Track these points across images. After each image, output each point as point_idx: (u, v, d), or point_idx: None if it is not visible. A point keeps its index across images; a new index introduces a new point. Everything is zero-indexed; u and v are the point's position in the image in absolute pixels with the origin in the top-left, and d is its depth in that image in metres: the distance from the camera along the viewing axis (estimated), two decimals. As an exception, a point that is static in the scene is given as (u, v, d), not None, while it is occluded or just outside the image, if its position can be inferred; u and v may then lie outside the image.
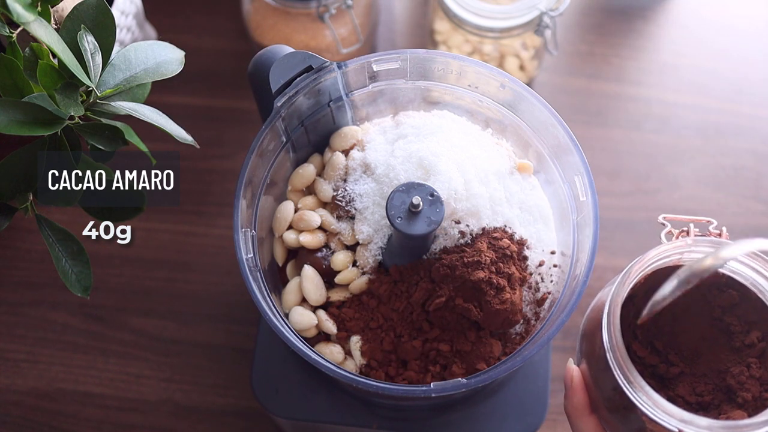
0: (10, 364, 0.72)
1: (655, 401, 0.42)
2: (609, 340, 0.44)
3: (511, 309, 0.51)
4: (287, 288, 0.55)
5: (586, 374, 0.48)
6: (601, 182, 0.78)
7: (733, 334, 0.48)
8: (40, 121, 0.45)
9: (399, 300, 0.53)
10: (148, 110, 0.47)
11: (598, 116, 0.82)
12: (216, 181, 0.78)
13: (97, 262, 0.74)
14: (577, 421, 0.48)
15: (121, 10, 0.69)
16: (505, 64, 0.77)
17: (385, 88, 0.57)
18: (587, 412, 0.48)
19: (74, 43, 0.46)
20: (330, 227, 0.55)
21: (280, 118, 0.53)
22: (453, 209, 0.52)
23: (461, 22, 0.72)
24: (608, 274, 0.74)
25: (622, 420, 0.46)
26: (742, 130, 0.81)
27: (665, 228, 0.48)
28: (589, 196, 0.51)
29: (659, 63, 0.85)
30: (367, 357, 0.53)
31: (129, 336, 0.73)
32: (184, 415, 0.70)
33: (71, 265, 0.50)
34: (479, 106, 0.57)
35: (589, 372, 0.48)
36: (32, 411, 0.70)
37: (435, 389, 0.48)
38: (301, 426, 0.62)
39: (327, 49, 0.75)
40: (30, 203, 0.49)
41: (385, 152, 0.56)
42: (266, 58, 0.53)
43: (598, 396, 0.47)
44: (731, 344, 0.48)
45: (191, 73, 0.74)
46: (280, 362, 0.61)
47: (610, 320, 0.44)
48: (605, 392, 0.46)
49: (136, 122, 0.48)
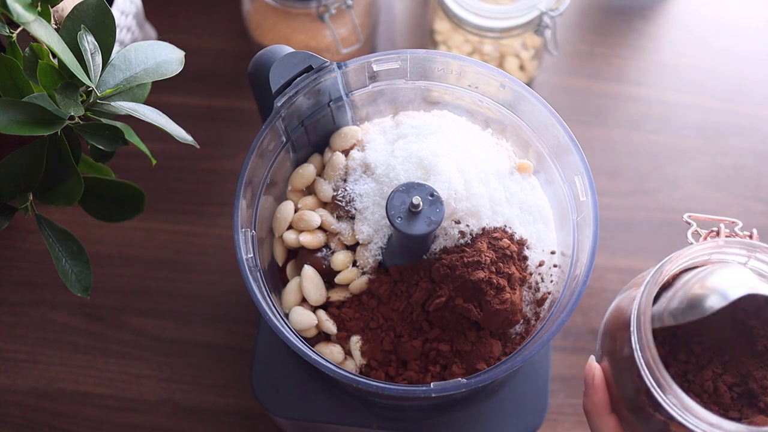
0: (10, 364, 0.72)
1: (684, 404, 0.41)
2: (638, 340, 0.43)
3: (511, 309, 0.51)
4: (287, 288, 0.55)
5: (608, 373, 0.47)
6: (601, 182, 0.78)
7: (756, 338, 0.47)
8: (40, 121, 0.45)
9: (399, 300, 0.53)
10: (148, 110, 0.47)
11: (598, 116, 0.82)
12: (216, 181, 0.78)
13: (97, 262, 0.75)
14: (596, 420, 0.47)
15: (121, 10, 0.69)
16: (505, 64, 0.77)
17: (385, 88, 0.57)
18: (607, 411, 0.47)
19: (74, 43, 0.46)
20: (330, 227, 0.55)
21: (280, 118, 0.53)
22: (453, 209, 0.52)
23: (461, 22, 0.72)
24: (608, 274, 0.74)
25: (644, 420, 0.45)
26: (742, 130, 0.81)
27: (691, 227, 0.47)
28: (589, 196, 0.51)
29: (659, 63, 0.85)
30: (367, 357, 0.53)
31: (129, 336, 0.73)
32: (184, 415, 0.70)
33: (71, 265, 0.50)
34: (479, 106, 0.57)
35: (611, 371, 0.47)
36: (32, 411, 0.70)
37: (435, 389, 0.48)
38: (301, 426, 0.62)
39: (327, 49, 0.75)
40: (30, 203, 0.49)
41: (385, 152, 0.56)
42: (266, 58, 0.53)
43: (619, 395, 0.46)
44: (753, 348, 0.47)
45: (191, 73, 0.74)
46: (280, 362, 0.61)
47: (641, 320, 0.43)
48: (627, 392, 0.46)
49: (136, 122, 0.48)
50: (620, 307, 0.48)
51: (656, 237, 0.76)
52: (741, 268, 0.45)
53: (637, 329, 0.43)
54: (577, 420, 0.70)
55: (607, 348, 0.48)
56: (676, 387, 0.42)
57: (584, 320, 0.72)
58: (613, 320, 0.48)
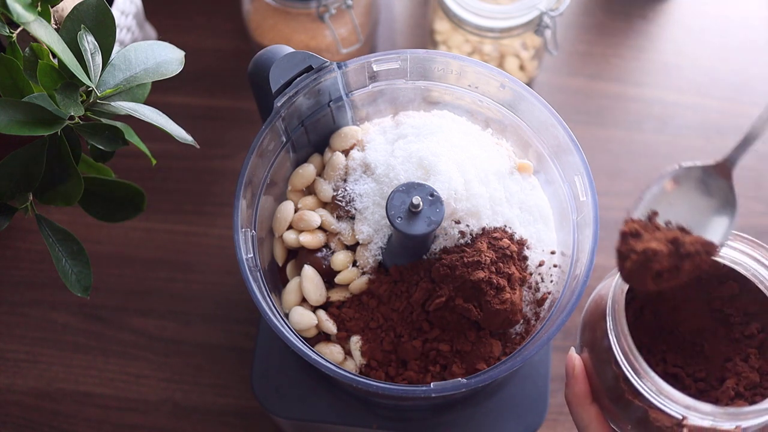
0: (10, 364, 0.72)
1: (660, 387, 0.42)
2: (614, 328, 0.44)
3: (511, 309, 0.51)
4: (287, 288, 0.55)
5: (588, 363, 0.48)
6: (601, 182, 0.78)
7: (732, 326, 0.48)
8: (40, 121, 0.45)
9: (399, 300, 0.53)
10: (148, 110, 0.47)
11: (598, 116, 0.82)
12: (216, 181, 0.78)
13: (97, 262, 0.75)
14: (578, 410, 0.48)
15: (121, 10, 0.69)
16: (505, 64, 0.77)
17: (385, 88, 0.57)
18: (588, 401, 0.48)
19: (74, 43, 0.46)
20: (330, 227, 0.55)
21: (280, 118, 0.53)
22: (453, 209, 0.52)
23: (461, 22, 0.72)
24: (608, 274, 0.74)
25: (624, 408, 0.46)
26: (742, 130, 0.81)
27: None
28: (589, 196, 0.51)
29: (659, 63, 0.85)
30: (367, 357, 0.53)
31: (129, 336, 0.73)
32: (184, 415, 0.70)
33: (71, 265, 0.50)
34: (479, 106, 0.57)
35: (591, 361, 0.48)
36: (32, 411, 0.70)
37: (435, 389, 0.48)
38: (301, 426, 0.62)
39: (327, 49, 0.75)
40: (30, 203, 0.49)
41: (385, 152, 0.56)
42: (266, 58, 0.53)
43: (599, 385, 0.47)
44: (731, 335, 0.48)
45: (191, 73, 0.74)
46: (280, 362, 0.61)
47: (615, 308, 0.44)
48: (607, 381, 0.47)
49: (136, 122, 0.48)
50: (598, 298, 0.49)
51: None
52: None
53: (612, 317, 0.45)
54: (577, 420, 0.70)
55: (587, 339, 0.49)
56: (651, 372, 0.43)
57: (584, 320, 0.72)
58: (592, 311, 0.49)
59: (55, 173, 0.48)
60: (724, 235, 0.43)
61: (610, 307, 0.45)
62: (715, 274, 0.49)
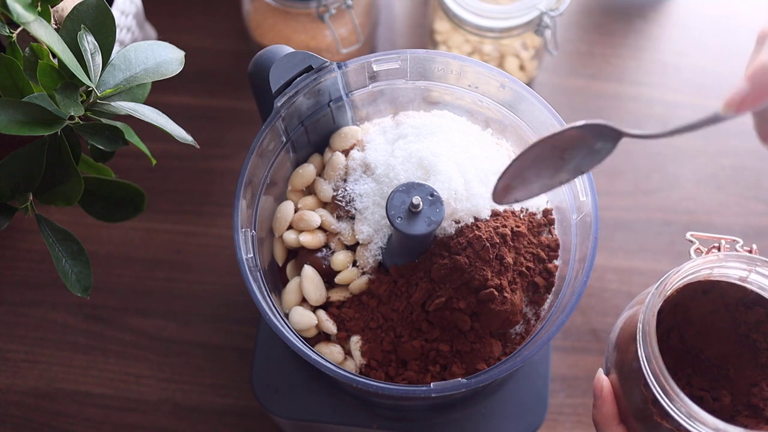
0: (10, 364, 0.72)
1: (690, 410, 0.42)
2: (644, 350, 0.44)
3: (511, 309, 0.51)
4: (287, 288, 0.55)
5: (616, 384, 0.48)
6: (601, 182, 0.78)
7: (759, 351, 0.48)
8: (40, 121, 0.45)
9: (399, 300, 0.53)
10: (148, 110, 0.47)
11: (598, 116, 0.82)
12: (216, 181, 0.78)
13: (97, 262, 0.75)
14: (605, 430, 0.48)
15: (121, 10, 0.69)
16: (505, 64, 0.77)
17: (385, 88, 0.57)
18: (616, 422, 0.48)
19: (74, 43, 0.46)
20: (330, 227, 0.55)
21: (280, 118, 0.53)
22: (453, 209, 0.52)
23: (461, 22, 0.72)
24: (608, 274, 0.74)
25: (652, 430, 0.46)
26: (742, 130, 0.81)
27: (693, 245, 0.49)
28: (589, 196, 0.51)
29: (660, 63, 0.85)
30: (367, 357, 0.53)
31: (129, 336, 0.73)
32: (184, 415, 0.70)
33: (71, 265, 0.50)
34: (479, 106, 0.57)
35: (619, 382, 0.48)
36: (32, 411, 0.70)
37: (435, 389, 0.48)
38: (301, 426, 0.62)
39: (327, 49, 0.75)
40: (30, 203, 0.49)
41: (385, 152, 0.56)
42: (266, 58, 0.53)
43: (627, 406, 0.47)
44: (757, 360, 0.48)
45: (191, 73, 0.74)
46: (280, 362, 0.61)
47: (646, 330, 0.44)
48: (635, 403, 0.47)
49: (136, 122, 0.48)
50: (628, 321, 0.49)
51: (656, 237, 0.76)
52: None
53: (642, 340, 0.44)
54: (577, 420, 0.70)
55: (616, 361, 0.49)
56: (682, 394, 0.42)
57: (584, 320, 0.72)
58: (622, 334, 0.49)
59: (55, 173, 0.48)
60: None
61: (640, 329, 0.45)
62: (743, 300, 0.49)
